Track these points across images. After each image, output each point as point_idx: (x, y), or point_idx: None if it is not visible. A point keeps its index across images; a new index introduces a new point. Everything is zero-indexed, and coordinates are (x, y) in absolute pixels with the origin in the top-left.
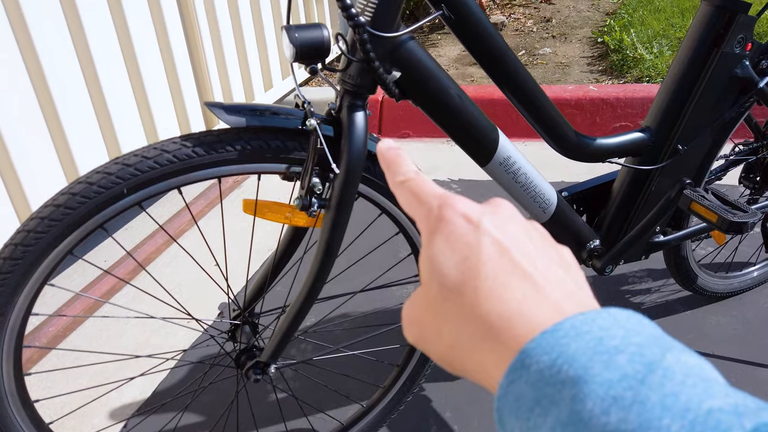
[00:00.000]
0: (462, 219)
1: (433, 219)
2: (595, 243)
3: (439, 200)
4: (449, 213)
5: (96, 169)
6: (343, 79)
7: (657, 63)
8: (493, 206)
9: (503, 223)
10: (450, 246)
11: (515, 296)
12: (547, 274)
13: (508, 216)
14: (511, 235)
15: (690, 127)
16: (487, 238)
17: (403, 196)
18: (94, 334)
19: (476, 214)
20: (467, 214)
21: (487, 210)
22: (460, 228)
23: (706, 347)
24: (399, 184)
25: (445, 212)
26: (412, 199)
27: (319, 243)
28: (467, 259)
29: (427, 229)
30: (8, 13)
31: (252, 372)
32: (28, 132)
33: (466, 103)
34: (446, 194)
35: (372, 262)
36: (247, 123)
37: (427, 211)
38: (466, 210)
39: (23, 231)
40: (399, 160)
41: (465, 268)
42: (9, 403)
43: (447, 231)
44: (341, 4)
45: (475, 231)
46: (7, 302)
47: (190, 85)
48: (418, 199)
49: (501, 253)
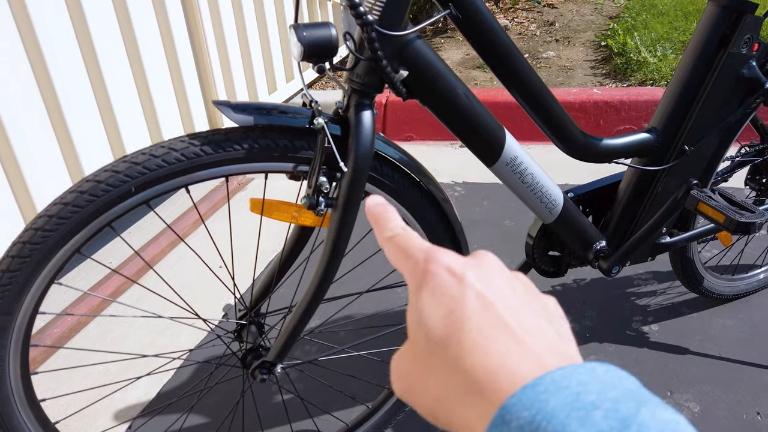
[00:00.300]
0: (447, 272)
1: (419, 273)
2: (601, 244)
3: (424, 254)
4: (434, 266)
5: (104, 167)
6: (350, 78)
7: (661, 66)
8: (478, 259)
9: (487, 276)
10: (435, 300)
11: (499, 349)
12: (530, 326)
13: (493, 268)
14: (495, 287)
15: (696, 127)
16: (471, 292)
17: (391, 251)
18: (98, 335)
19: (460, 267)
20: (452, 267)
21: (471, 263)
22: (445, 281)
23: (713, 350)
24: (386, 239)
25: (430, 266)
26: (399, 254)
27: (326, 242)
28: (452, 312)
29: (414, 283)
30: (14, 13)
31: (258, 372)
32: (33, 130)
33: (473, 102)
34: (432, 248)
35: (377, 262)
36: (255, 121)
37: (414, 265)
38: (450, 263)
39: (31, 229)
40: (386, 215)
41: (450, 322)
42: (15, 402)
43: (432, 284)
44: (349, 2)
45: (459, 284)
46: (15, 301)
47: (195, 86)
48: (405, 253)
49: (485, 306)
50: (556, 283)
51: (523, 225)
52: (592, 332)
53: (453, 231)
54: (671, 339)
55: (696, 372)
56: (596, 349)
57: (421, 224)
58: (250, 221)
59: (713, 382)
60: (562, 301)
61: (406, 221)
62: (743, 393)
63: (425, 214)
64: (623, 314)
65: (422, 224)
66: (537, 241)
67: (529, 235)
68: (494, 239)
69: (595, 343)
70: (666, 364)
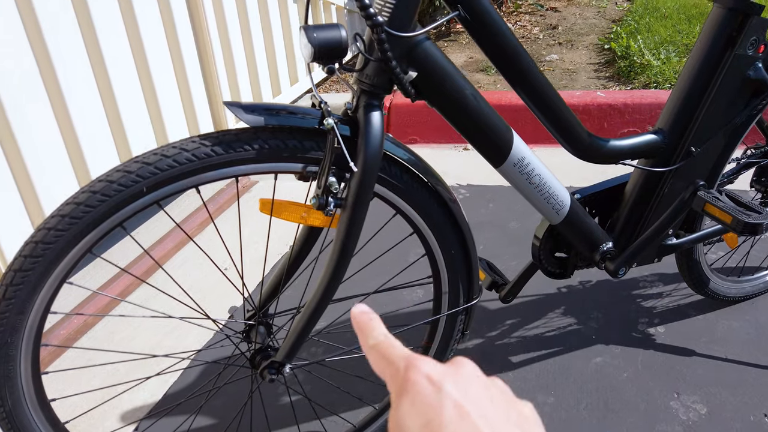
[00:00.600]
0: (426, 380)
1: (400, 380)
2: (608, 245)
3: (405, 361)
4: (414, 374)
5: (116, 167)
6: (359, 79)
7: (665, 69)
8: (456, 367)
9: (465, 385)
10: (415, 408)
11: None
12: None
13: (470, 377)
14: (473, 396)
15: (703, 129)
16: (449, 401)
17: (374, 358)
18: (105, 337)
19: (438, 376)
20: (431, 375)
21: (449, 371)
22: (423, 389)
23: (719, 352)
24: (370, 347)
25: (410, 373)
26: (381, 361)
27: (334, 243)
28: (431, 422)
29: (395, 391)
30: (21, 13)
31: (267, 372)
32: (40, 129)
33: (481, 103)
34: (412, 356)
35: (383, 264)
36: (265, 122)
37: (395, 371)
38: (430, 372)
39: (44, 229)
40: (371, 324)
41: (428, 431)
42: (27, 402)
43: (412, 392)
44: (360, 3)
45: (437, 393)
46: (27, 300)
47: (200, 89)
48: (387, 360)
49: (461, 416)
50: (562, 285)
51: (528, 227)
52: (597, 334)
53: (461, 231)
54: (677, 341)
55: (702, 374)
56: (602, 351)
57: (428, 225)
58: (255, 223)
59: (720, 384)
60: (568, 303)
61: (416, 223)
62: (750, 395)
63: (433, 214)
64: (629, 316)
65: (430, 225)
66: (543, 242)
67: (535, 237)
68: (500, 241)
69: (601, 345)
70: (672, 365)
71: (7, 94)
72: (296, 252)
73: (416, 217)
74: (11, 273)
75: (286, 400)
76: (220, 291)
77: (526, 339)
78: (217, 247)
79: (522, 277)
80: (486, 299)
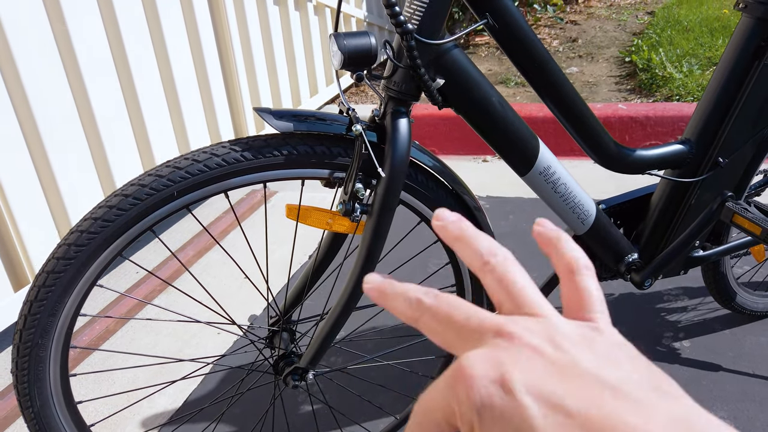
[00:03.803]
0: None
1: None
2: (633, 256)
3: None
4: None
5: (148, 172)
6: (387, 86)
7: (687, 82)
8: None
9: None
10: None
11: None
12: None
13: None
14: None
15: (731, 139)
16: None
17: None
18: (126, 343)
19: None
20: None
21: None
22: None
23: (746, 367)
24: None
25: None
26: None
27: (360, 249)
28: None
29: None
30: (53, 29)
31: (290, 378)
32: (66, 137)
33: (507, 111)
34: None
35: (405, 273)
36: (294, 128)
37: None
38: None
39: (77, 231)
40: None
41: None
42: (54, 403)
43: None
44: (390, 11)
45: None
46: (58, 302)
47: (222, 100)
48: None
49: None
50: None
51: None
52: None
53: None
54: (703, 355)
55: (730, 389)
56: None
57: None
58: (276, 231)
59: (747, 400)
60: None
61: None
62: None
63: None
64: (654, 330)
65: None
66: None
67: None
68: (520, 253)
69: None
70: (699, 380)
71: (36, 101)
72: (320, 259)
73: None
74: (44, 275)
75: (308, 408)
76: (242, 298)
77: None
78: (239, 255)
79: (544, 289)
80: None
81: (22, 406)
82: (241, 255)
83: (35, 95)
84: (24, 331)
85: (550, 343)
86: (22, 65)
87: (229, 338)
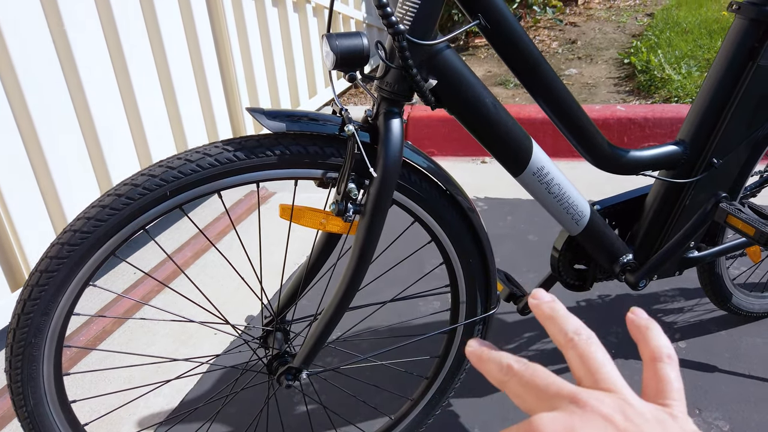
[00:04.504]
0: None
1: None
2: (628, 257)
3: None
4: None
5: (141, 171)
6: (380, 86)
7: (686, 83)
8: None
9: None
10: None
11: None
12: None
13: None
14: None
15: (725, 140)
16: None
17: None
18: (123, 344)
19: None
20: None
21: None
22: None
23: (742, 368)
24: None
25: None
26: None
27: (353, 249)
28: None
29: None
30: (50, 27)
31: (284, 378)
32: (63, 136)
33: (500, 112)
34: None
35: (399, 273)
36: (287, 128)
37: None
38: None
39: (70, 230)
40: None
41: None
42: (48, 402)
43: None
44: (382, 12)
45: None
46: (52, 301)
47: (220, 99)
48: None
49: None
50: (581, 299)
51: (547, 240)
52: (618, 348)
53: (479, 240)
54: (699, 357)
55: (725, 390)
56: (622, 365)
57: (447, 233)
58: (276, 232)
59: (743, 401)
60: (587, 317)
61: (434, 231)
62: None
63: (452, 222)
64: None
65: (448, 233)
66: (563, 253)
67: (554, 248)
68: (518, 254)
69: (620, 360)
70: (694, 382)
71: (33, 101)
72: (314, 259)
73: (435, 225)
74: (37, 274)
75: (302, 408)
76: (239, 298)
77: (543, 353)
78: (234, 257)
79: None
80: (504, 312)
81: (16, 405)
82: (239, 255)
83: (33, 95)
84: (17, 330)
85: (621, 415)
86: (19, 66)
87: (225, 338)
